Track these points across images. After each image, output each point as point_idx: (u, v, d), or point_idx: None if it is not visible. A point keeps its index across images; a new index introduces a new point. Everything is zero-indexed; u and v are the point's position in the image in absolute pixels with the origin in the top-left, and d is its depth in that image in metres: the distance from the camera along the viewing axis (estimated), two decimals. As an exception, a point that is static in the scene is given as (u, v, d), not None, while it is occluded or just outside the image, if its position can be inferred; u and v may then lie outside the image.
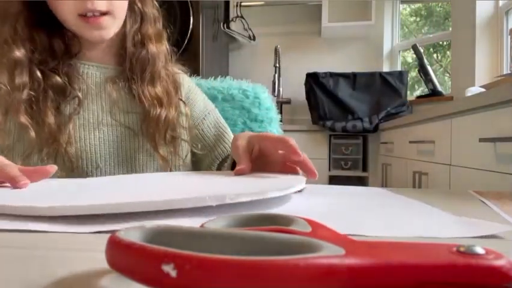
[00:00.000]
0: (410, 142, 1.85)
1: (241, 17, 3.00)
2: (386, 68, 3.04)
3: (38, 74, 0.62)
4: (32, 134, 0.60)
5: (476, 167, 1.18)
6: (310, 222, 0.21)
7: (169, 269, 0.13)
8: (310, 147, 2.58)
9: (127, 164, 0.68)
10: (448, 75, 3.11)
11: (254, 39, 3.06)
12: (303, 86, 2.80)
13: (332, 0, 2.90)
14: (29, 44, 0.62)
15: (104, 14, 0.62)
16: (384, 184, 2.37)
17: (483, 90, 1.56)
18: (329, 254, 0.14)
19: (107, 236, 0.16)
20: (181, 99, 0.75)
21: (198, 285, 0.13)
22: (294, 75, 3.02)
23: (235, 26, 2.98)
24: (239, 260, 0.13)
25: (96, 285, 0.18)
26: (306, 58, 3.09)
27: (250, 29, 3.04)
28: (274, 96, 2.93)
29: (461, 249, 0.15)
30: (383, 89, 2.67)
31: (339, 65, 2.97)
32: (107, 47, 0.70)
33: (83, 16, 0.61)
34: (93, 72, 0.69)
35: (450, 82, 2.72)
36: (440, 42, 3.13)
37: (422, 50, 2.63)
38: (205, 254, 0.13)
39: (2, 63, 0.62)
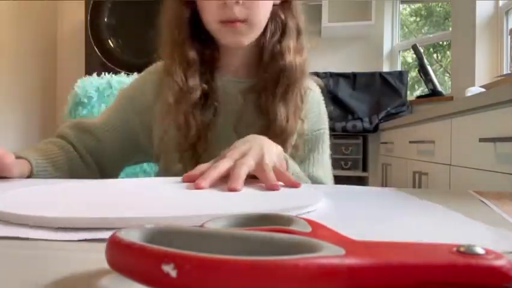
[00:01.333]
0: (410, 142, 1.85)
1: (241, 17, 3.00)
2: (386, 68, 3.04)
3: (198, 79, 0.68)
4: (194, 127, 0.67)
5: (476, 167, 1.18)
6: (310, 222, 0.21)
7: (169, 269, 0.13)
8: (310, 147, 2.58)
9: None
10: (448, 75, 3.11)
11: (254, 39, 3.06)
12: (303, 86, 2.80)
13: (332, 0, 2.90)
14: (196, 47, 0.69)
15: (241, 21, 0.66)
16: (384, 184, 2.37)
17: (483, 90, 1.56)
18: (329, 254, 0.14)
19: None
20: (301, 119, 0.74)
21: (198, 285, 0.13)
22: (294, 75, 3.02)
23: (235, 26, 2.98)
24: (239, 260, 0.13)
25: (96, 285, 0.18)
26: (306, 58, 3.09)
27: (250, 29, 3.04)
28: (274, 96, 2.93)
29: (461, 249, 0.15)
30: (383, 89, 2.67)
31: (339, 65, 2.97)
32: (244, 58, 0.73)
33: (223, 22, 0.67)
34: (227, 85, 0.73)
35: (450, 82, 2.72)
36: (440, 42, 3.13)
37: (422, 50, 2.63)
38: (205, 254, 0.13)
39: (177, 62, 0.68)
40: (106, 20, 2.71)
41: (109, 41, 2.71)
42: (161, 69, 0.74)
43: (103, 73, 1.15)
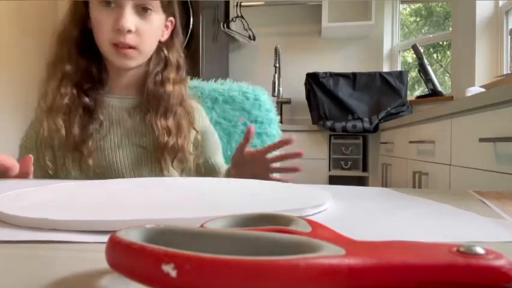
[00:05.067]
0: (410, 142, 1.85)
1: (241, 17, 3.00)
2: (386, 68, 3.04)
3: (75, 91, 0.76)
4: (63, 132, 0.74)
5: (476, 167, 1.18)
6: (310, 222, 0.21)
7: (169, 269, 0.13)
8: (310, 147, 2.58)
9: (145, 175, 0.80)
10: (448, 75, 3.11)
11: (254, 39, 3.06)
12: (303, 86, 2.80)
13: (332, 0, 2.90)
14: (75, 64, 0.77)
15: (131, 47, 0.76)
16: (384, 184, 2.37)
17: (483, 90, 1.56)
18: (329, 254, 0.14)
19: (108, 236, 0.16)
20: (195, 128, 0.87)
21: (198, 285, 0.13)
22: (294, 75, 3.02)
23: (235, 26, 2.98)
24: (239, 260, 0.13)
25: (96, 285, 0.18)
26: (306, 58, 3.09)
27: (250, 29, 3.04)
28: (274, 96, 2.93)
29: (461, 249, 0.15)
30: (383, 89, 2.67)
31: (339, 65, 2.97)
32: (130, 80, 0.83)
33: (115, 45, 0.75)
34: (115, 104, 0.82)
35: (450, 82, 2.72)
36: (440, 42, 3.13)
37: (422, 50, 2.63)
38: (205, 254, 0.13)
39: (55, 74, 0.77)
40: (106, 20, 2.71)
41: (109, 41, 2.71)
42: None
43: None
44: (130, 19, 0.73)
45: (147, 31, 0.77)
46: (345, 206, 0.38)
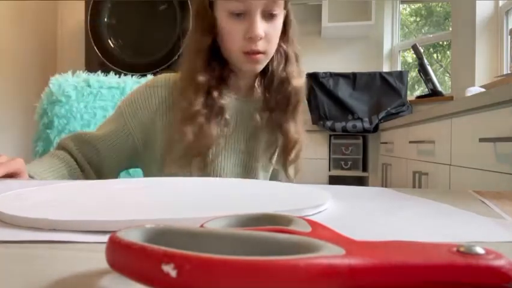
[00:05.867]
0: (410, 142, 1.85)
1: (241, 17, 3.00)
2: (386, 68, 3.04)
3: (215, 94, 0.77)
4: (190, 137, 0.75)
5: (476, 167, 1.18)
6: (310, 222, 0.21)
7: (169, 269, 0.13)
8: (310, 147, 2.58)
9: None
10: (448, 75, 3.11)
11: (254, 39, 3.06)
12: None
13: (332, 0, 2.90)
14: (209, 72, 0.78)
15: (261, 53, 0.76)
16: (384, 184, 2.37)
17: (483, 90, 1.56)
18: (329, 254, 0.14)
19: (108, 236, 0.16)
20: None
21: (198, 285, 0.13)
22: (294, 75, 3.02)
23: (235, 26, 2.98)
24: (239, 260, 0.13)
25: (96, 285, 0.18)
26: (306, 58, 3.08)
27: (250, 29, 3.04)
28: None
29: (461, 249, 0.15)
30: (383, 89, 2.67)
31: (339, 65, 2.97)
32: (249, 80, 0.84)
33: (246, 53, 0.76)
34: (241, 106, 0.83)
35: (450, 82, 2.72)
36: (440, 42, 3.13)
37: (422, 50, 2.63)
38: (205, 254, 0.13)
39: (191, 85, 0.78)
40: (106, 20, 2.71)
41: (109, 41, 2.71)
42: (172, 85, 0.82)
43: (80, 71, 1.15)
44: (260, 26, 0.74)
45: (274, 35, 0.78)
46: (345, 206, 0.38)
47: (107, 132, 0.80)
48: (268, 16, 0.76)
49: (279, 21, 0.78)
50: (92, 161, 0.79)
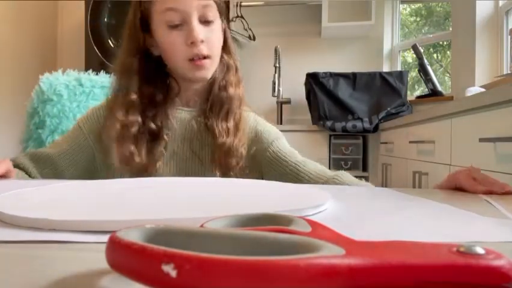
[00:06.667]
0: (410, 142, 1.85)
1: (241, 17, 3.00)
2: (386, 68, 3.04)
3: (140, 119, 0.78)
4: (138, 159, 0.76)
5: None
6: (310, 222, 0.21)
7: (169, 269, 0.13)
8: (311, 147, 2.58)
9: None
10: (448, 75, 3.11)
11: (254, 39, 3.06)
12: (303, 86, 2.79)
13: (332, 0, 2.90)
14: (139, 93, 0.79)
15: (206, 57, 0.79)
16: (384, 184, 2.37)
17: (483, 90, 1.56)
18: (329, 254, 0.14)
19: (108, 236, 0.16)
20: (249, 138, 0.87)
21: (198, 285, 0.13)
22: (294, 75, 3.02)
23: (235, 26, 2.98)
24: (239, 260, 0.13)
25: (96, 285, 0.18)
26: (306, 58, 3.09)
27: (250, 29, 3.04)
28: (274, 96, 2.93)
29: (461, 249, 0.15)
30: (383, 89, 2.67)
31: (339, 65, 2.96)
32: (197, 91, 0.85)
33: (191, 60, 0.78)
34: (180, 115, 0.84)
35: (450, 82, 2.72)
36: (440, 42, 3.13)
37: (422, 50, 2.63)
38: (205, 254, 0.13)
39: (122, 104, 0.79)
40: (106, 20, 2.71)
41: (109, 41, 2.71)
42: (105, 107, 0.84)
43: (71, 70, 1.14)
44: (199, 31, 0.77)
45: (215, 39, 0.81)
46: (345, 206, 0.38)
47: (61, 148, 0.82)
48: (205, 22, 0.79)
49: (216, 27, 0.81)
50: (48, 176, 0.81)
